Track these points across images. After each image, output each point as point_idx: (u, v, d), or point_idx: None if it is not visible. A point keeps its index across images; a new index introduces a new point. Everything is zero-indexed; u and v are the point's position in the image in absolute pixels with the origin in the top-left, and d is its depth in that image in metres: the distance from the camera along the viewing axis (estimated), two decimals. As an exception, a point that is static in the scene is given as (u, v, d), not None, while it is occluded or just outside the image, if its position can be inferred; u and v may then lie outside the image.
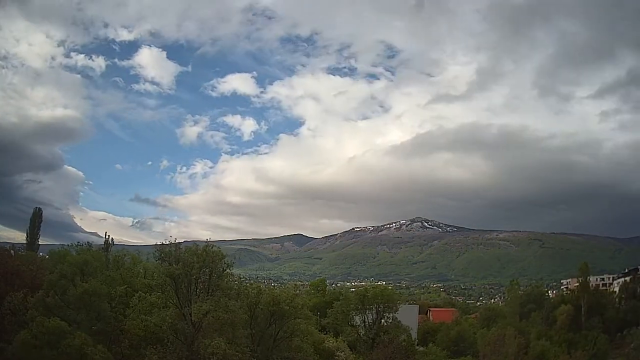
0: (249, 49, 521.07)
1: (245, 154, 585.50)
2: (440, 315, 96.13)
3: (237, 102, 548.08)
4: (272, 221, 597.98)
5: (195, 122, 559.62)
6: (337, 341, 49.56)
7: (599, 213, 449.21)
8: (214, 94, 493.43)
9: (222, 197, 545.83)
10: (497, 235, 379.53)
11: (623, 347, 62.56)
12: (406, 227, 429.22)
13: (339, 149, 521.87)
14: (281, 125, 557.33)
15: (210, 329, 31.80)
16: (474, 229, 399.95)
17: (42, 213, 75.20)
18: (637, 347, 59.73)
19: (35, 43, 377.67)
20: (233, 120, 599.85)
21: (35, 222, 72.69)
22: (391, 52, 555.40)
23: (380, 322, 57.43)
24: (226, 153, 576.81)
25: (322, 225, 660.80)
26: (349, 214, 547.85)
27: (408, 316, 64.44)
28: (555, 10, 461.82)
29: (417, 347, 60.28)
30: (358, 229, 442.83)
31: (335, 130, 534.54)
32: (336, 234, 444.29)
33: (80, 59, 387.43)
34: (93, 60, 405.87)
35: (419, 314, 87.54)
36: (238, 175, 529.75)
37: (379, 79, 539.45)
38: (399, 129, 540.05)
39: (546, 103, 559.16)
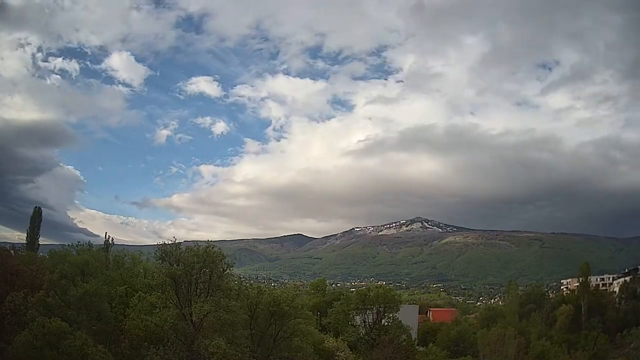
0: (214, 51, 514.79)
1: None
2: (440, 315, 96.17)
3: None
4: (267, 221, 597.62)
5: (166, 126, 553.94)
6: (337, 341, 49.57)
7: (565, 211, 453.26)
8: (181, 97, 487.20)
9: (223, 197, 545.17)
10: (497, 235, 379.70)
11: (623, 347, 62.51)
12: (406, 227, 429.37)
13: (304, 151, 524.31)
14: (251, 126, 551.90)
15: (210, 329, 31.85)
16: (474, 229, 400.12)
17: (42, 213, 74.88)
18: (637, 347, 59.70)
19: (9, 51, 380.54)
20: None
21: (35, 222, 72.48)
22: (350, 53, 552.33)
23: (381, 322, 57.47)
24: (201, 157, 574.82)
25: (322, 226, 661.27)
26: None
27: (408, 316, 64.47)
28: (486, 9, 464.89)
29: (417, 347, 60.31)
30: (358, 229, 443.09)
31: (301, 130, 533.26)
32: (336, 234, 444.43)
33: (57, 63, 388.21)
34: (68, 64, 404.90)
35: (419, 314, 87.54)
36: (240, 176, 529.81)
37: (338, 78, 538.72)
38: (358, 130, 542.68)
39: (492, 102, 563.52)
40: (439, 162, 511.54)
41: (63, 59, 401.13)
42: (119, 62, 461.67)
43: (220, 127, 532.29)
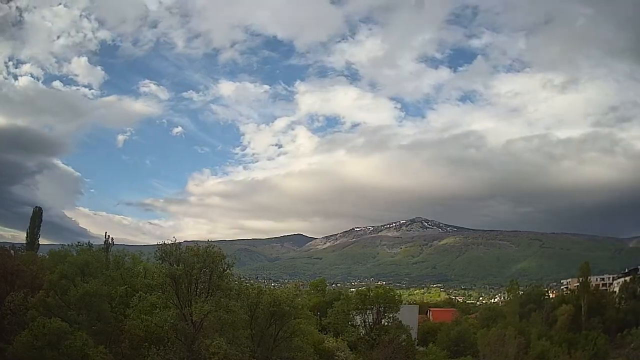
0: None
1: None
2: (440, 315, 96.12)
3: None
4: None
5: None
6: (337, 341, 49.58)
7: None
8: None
9: (223, 197, 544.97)
10: (497, 235, 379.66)
11: (623, 347, 62.54)
12: (406, 227, 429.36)
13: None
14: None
15: (210, 329, 31.83)
16: (474, 229, 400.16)
17: (42, 213, 74.78)
18: (637, 347, 59.74)
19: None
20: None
21: (35, 222, 72.39)
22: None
23: (381, 322, 57.47)
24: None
25: (322, 226, 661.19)
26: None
27: (408, 316, 64.47)
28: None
29: (417, 347, 60.30)
30: (358, 229, 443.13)
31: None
32: (336, 234, 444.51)
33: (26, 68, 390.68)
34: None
35: (419, 314, 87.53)
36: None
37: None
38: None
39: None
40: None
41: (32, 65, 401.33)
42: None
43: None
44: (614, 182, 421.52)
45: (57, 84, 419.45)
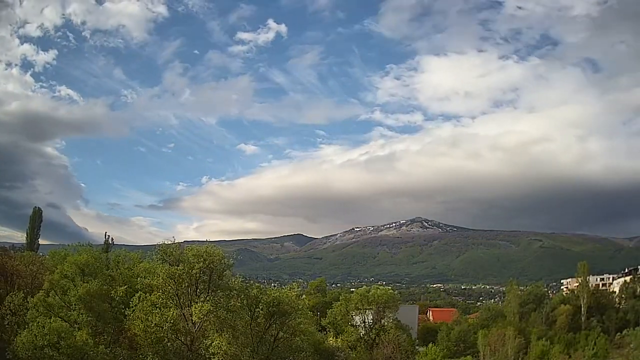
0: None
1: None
2: (440, 315, 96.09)
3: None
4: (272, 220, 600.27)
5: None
6: (337, 341, 49.60)
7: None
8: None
9: (222, 197, 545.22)
10: (497, 235, 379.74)
11: (623, 347, 62.46)
12: (406, 227, 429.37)
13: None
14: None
15: (211, 329, 31.82)
16: (474, 229, 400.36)
17: (42, 213, 74.82)
18: (637, 347, 59.67)
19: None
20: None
21: (35, 222, 72.43)
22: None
23: (381, 322, 57.47)
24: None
25: (322, 225, 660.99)
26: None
27: (408, 316, 64.55)
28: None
29: (417, 347, 60.30)
30: (358, 229, 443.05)
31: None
32: (336, 234, 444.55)
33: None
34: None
35: (419, 314, 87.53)
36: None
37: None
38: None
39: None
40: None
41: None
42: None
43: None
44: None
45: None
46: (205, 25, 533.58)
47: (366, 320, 58.28)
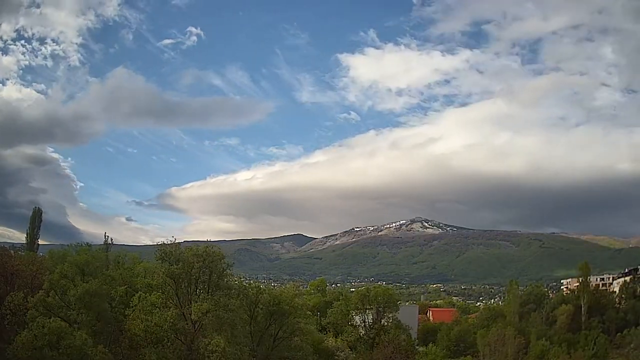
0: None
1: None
2: (440, 315, 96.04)
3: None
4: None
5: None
6: (337, 341, 49.61)
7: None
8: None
9: (222, 197, 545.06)
10: (497, 235, 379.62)
11: (623, 347, 62.44)
12: (406, 227, 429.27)
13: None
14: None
15: (210, 328, 31.83)
16: (474, 229, 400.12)
17: (41, 213, 74.79)
18: (637, 347, 59.67)
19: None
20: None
21: (35, 222, 72.38)
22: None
23: (381, 322, 57.48)
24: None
25: (322, 225, 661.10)
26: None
27: (408, 316, 64.51)
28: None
29: (417, 347, 60.29)
30: (358, 229, 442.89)
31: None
32: (336, 234, 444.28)
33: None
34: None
35: (419, 314, 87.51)
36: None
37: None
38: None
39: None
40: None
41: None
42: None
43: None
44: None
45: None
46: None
47: (366, 320, 58.30)
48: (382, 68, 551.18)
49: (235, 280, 38.65)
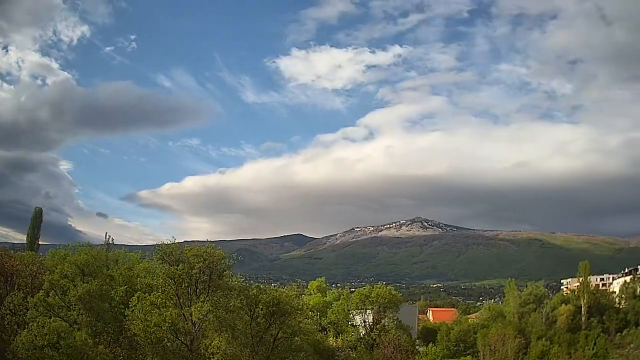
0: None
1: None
2: (440, 315, 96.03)
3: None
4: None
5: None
6: (337, 341, 49.58)
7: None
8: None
9: (222, 197, 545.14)
10: (497, 235, 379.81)
11: (623, 347, 62.47)
12: (406, 227, 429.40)
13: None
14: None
15: (210, 328, 31.80)
16: (474, 229, 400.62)
17: (42, 213, 74.87)
18: (637, 347, 59.71)
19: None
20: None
21: (36, 223, 72.42)
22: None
23: (381, 322, 57.46)
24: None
25: (322, 225, 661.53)
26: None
27: (408, 316, 64.52)
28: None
29: (417, 347, 60.29)
30: (358, 229, 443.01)
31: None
32: (336, 234, 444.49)
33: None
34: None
35: (419, 314, 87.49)
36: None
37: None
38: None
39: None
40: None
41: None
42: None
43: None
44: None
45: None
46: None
47: (367, 320, 58.28)
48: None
49: (236, 281, 38.58)
